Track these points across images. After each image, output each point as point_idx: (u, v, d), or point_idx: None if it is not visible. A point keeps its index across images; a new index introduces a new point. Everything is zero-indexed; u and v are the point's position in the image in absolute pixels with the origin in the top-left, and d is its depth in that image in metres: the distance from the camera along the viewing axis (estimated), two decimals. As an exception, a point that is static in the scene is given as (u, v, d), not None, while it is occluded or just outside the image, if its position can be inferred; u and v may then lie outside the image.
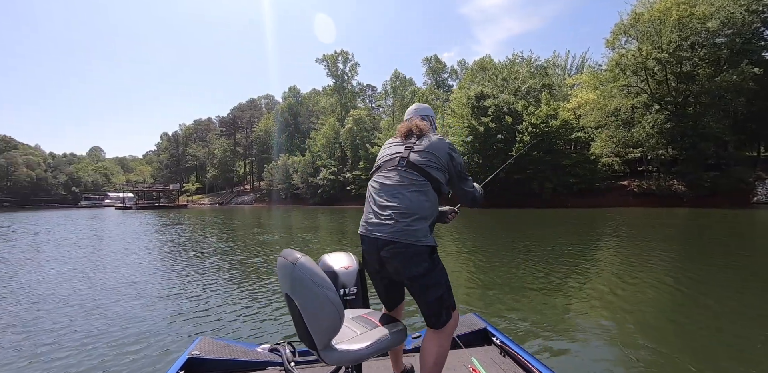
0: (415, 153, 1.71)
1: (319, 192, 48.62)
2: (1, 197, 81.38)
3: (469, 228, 14.52)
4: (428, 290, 1.59)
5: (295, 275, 1.37)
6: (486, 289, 5.22)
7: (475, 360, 1.97)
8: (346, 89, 54.68)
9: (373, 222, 1.64)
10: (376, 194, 1.69)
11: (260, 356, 2.02)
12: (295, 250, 1.44)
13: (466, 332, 2.23)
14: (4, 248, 11.03)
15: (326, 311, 1.39)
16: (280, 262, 1.44)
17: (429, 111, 2.00)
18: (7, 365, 3.10)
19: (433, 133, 1.81)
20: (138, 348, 3.36)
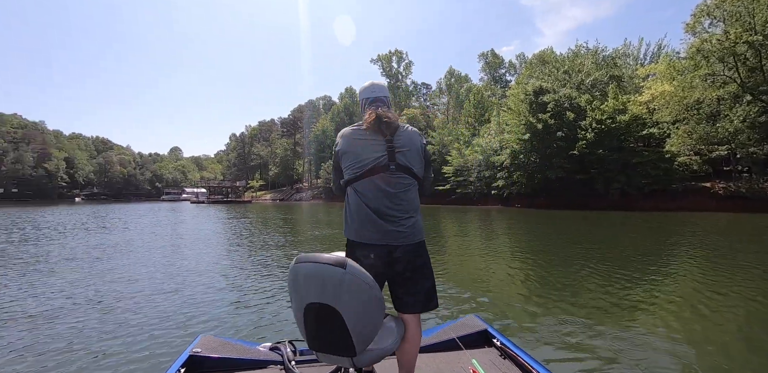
0: (400, 154, 1.67)
1: (372, 190, 49.39)
2: (99, 190, 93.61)
3: (524, 229, 13.96)
4: (427, 278, 1.70)
5: (346, 281, 1.27)
6: (512, 292, 5.07)
7: (476, 362, 1.96)
8: (400, 88, 54.92)
9: (383, 229, 1.62)
10: (379, 199, 1.64)
11: (261, 354, 2.02)
12: (316, 252, 1.36)
13: (467, 334, 2.22)
14: (100, 235, 12.75)
15: (377, 315, 1.35)
16: (315, 269, 1.29)
17: (386, 91, 1.87)
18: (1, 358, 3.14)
19: (402, 124, 1.74)
20: (141, 345, 3.39)
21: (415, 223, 1.68)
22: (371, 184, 1.65)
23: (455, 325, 2.35)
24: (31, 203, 62.68)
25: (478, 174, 35.96)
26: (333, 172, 1.86)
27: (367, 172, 1.65)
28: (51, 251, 8.92)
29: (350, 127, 1.76)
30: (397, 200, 1.65)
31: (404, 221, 1.64)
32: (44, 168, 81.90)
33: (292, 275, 1.35)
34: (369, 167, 1.65)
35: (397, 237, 1.62)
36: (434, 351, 2.13)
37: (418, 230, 1.68)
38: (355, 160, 1.68)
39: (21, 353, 3.26)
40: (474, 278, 5.95)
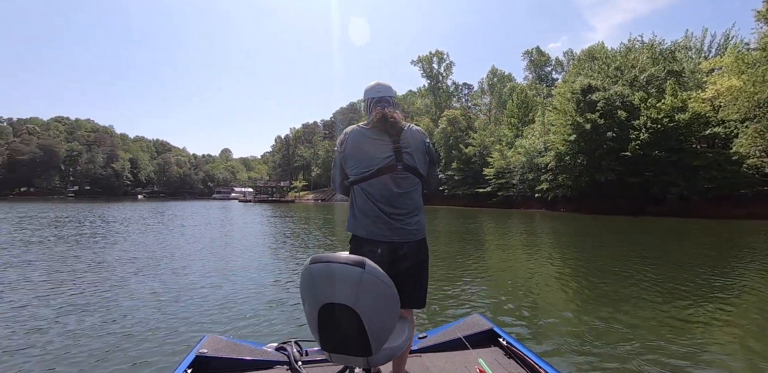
0: (406, 154, 1.70)
1: (412, 191, 49.30)
2: (159, 189, 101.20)
3: (569, 235, 13.31)
4: (425, 275, 1.76)
5: (365, 281, 1.26)
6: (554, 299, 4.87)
7: (482, 361, 1.95)
8: (441, 89, 54.34)
9: (390, 227, 1.68)
10: (386, 199, 1.69)
11: (267, 354, 2.03)
12: (329, 252, 1.37)
13: (473, 333, 2.22)
14: (154, 230, 13.82)
15: (393, 313, 1.36)
16: (332, 269, 1.28)
17: (391, 91, 1.87)
18: (6, 360, 3.13)
19: (407, 123, 1.78)
20: (147, 344, 3.42)
21: (420, 221, 1.74)
22: (380, 184, 1.69)
23: (461, 324, 2.35)
24: (100, 199, 69.40)
25: (521, 176, 34.76)
26: (334, 170, 1.88)
27: (376, 173, 1.69)
28: (98, 247, 9.79)
29: (356, 126, 1.79)
30: (404, 199, 1.70)
31: (410, 219, 1.70)
32: (112, 168, 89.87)
33: (307, 275, 1.33)
34: (378, 168, 1.68)
35: (404, 235, 1.68)
36: (440, 350, 2.13)
37: (422, 227, 1.75)
38: (364, 160, 1.71)
39: (26, 352, 3.28)
40: (512, 284, 5.79)
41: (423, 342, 2.21)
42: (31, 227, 14.49)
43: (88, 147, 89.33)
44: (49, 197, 73.65)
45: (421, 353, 2.11)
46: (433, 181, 1.87)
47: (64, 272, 6.44)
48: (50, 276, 6.17)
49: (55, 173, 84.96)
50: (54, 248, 9.09)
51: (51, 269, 6.74)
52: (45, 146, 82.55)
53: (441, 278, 6.05)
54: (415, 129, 1.77)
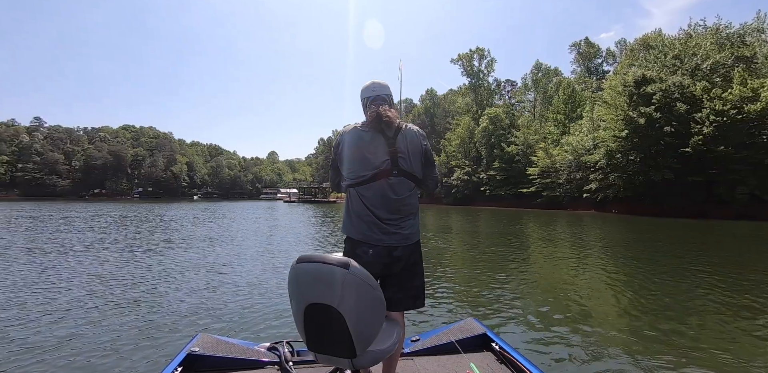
0: (402, 159, 1.66)
1: (453, 192, 48.57)
2: (212, 190, 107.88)
3: (621, 239, 12.44)
4: (418, 277, 1.75)
5: (348, 282, 1.25)
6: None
7: (473, 365, 1.92)
8: (482, 87, 52.89)
9: (384, 231, 1.66)
10: (381, 204, 1.67)
11: (259, 354, 2.03)
12: (318, 252, 1.36)
13: (465, 337, 2.18)
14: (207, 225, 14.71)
15: (378, 315, 1.36)
16: (317, 269, 1.27)
17: (387, 89, 1.83)
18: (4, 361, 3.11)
19: (402, 122, 1.72)
20: (139, 343, 3.42)
21: (414, 224, 1.72)
22: (375, 189, 1.66)
23: (454, 328, 2.31)
24: (161, 199, 75.23)
25: (567, 176, 33.04)
26: (331, 171, 1.87)
27: (372, 178, 1.66)
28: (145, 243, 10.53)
29: (352, 127, 1.74)
30: (399, 204, 1.67)
31: (404, 224, 1.68)
32: (171, 171, 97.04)
33: (293, 274, 1.34)
34: (374, 172, 1.65)
35: (399, 239, 1.66)
36: (432, 354, 2.11)
37: (416, 231, 1.73)
38: (360, 164, 1.68)
39: (19, 350, 3.27)
40: (558, 292, 5.42)
41: (415, 345, 2.18)
42: (99, 224, 16.01)
43: (150, 152, 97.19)
44: (117, 198, 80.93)
45: (413, 357, 2.09)
46: (431, 182, 1.81)
47: (79, 269, 6.69)
48: (58, 272, 6.44)
49: (123, 176, 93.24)
50: (97, 246, 9.94)
51: (62, 265, 7.04)
52: (114, 152, 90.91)
53: (478, 283, 5.83)
54: (412, 130, 1.71)
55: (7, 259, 7.70)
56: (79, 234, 12.40)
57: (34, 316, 4.15)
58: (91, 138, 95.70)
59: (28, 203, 48.89)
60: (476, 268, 7.20)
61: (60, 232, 12.95)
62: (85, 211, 28.72)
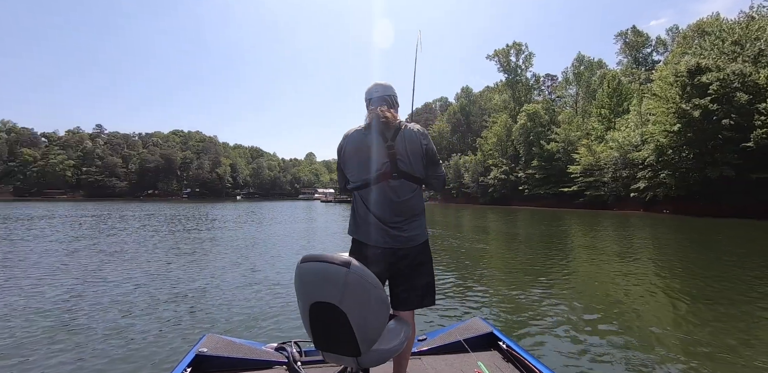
0: (402, 160, 1.65)
1: (490, 191, 47.48)
2: (253, 190, 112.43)
3: (674, 242, 11.55)
4: (425, 275, 1.73)
5: (349, 281, 1.28)
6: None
7: (481, 364, 1.93)
8: (520, 83, 51.18)
9: (387, 233, 1.66)
10: (383, 207, 1.67)
11: (266, 354, 2.04)
12: (320, 252, 1.37)
13: (473, 336, 2.19)
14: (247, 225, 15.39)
15: (381, 314, 1.37)
16: (320, 268, 1.30)
17: (390, 90, 1.83)
18: (5, 359, 3.13)
19: (403, 123, 1.70)
20: (147, 343, 3.44)
21: (418, 226, 1.70)
22: (376, 193, 1.66)
23: (461, 327, 2.33)
24: (207, 200, 79.52)
25: (613, 174, 31.26)
26: (338, 174, 1.86)
27: (373, 181, 1.67)
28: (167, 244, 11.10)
29: (353, 129, 1.76)
30: (402, 207, 1.66)
31: (407, 226, 1.67)
32: (216, 173, 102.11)
33: (298, 274, 1.37)
34: (374, 176, 1.66)
35: (403, 241, 1.66)
36: (439, 353, 2.12)
37: (421, 232, 1.71)
38: (361, 167, 1.69)
39: (27, 349, 3.29)
40: (603, 299, 5.07)
41: (422, 344, 2.19)
42: (151, 223, 17.21)
43: (197, 155, 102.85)
44: (168, 198, 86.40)
45: (420, 356, 2.10)
46: (435, 182, 1.77)
47: (97, 266, 7.03)
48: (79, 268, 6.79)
49: (173, 178, 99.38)
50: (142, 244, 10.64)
51: (80, 263, 7.37)
52: (165, 155, 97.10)
53: (516, 287, 5.62)
54: (412, 130, 1.68)
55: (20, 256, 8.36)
56: (122, 233, 13.36)
57: (38, 319, 4.11)
58: (145, 143, 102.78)
59: (91, 203, 53.53)
60: (513, 270, 6.98)
61: (95, 230, 14.02)
62: (139, 210, 30.97)
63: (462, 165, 54.18)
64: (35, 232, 13.19)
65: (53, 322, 4.02)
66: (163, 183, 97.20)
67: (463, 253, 9.02)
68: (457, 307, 4.63)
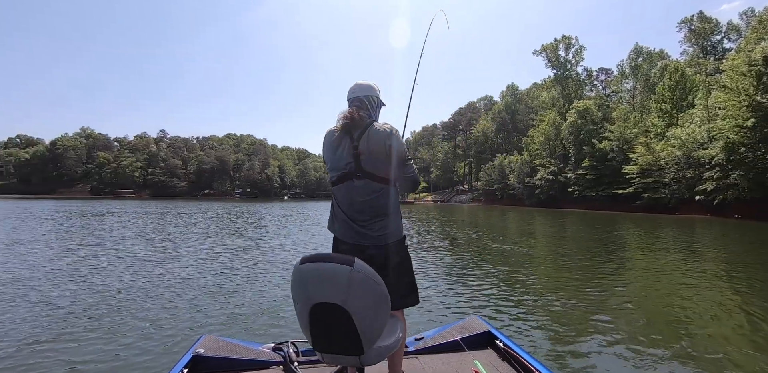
0: (365, 160, 1.66)
1: (536, 193, 45.44)
2: (300, 190, 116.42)
3: (751, 251, 10.41)
4: (403, 275, 1.74)
5: (354, 279, 1.26)
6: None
7: (478, 363, 1.95)
8: (570, 78, 48.47)
9: (355, 231, 1.70)
10: (349, 205, 1.71)
11: (263, 355, 2.05)
12: (319, 253, 1.38)
13: (470, 335, 2.20)
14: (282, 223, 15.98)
15: (384, 311, 1.37)
16: (322, 268, 1.28)
17: (368, 90, 1.82)
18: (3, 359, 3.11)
19: (373, 122, 1.72)
20: (144, 343, 3.46)
21: (385, 226, 1.69)
22: (343, 191, 1.72)
23: (458, 326, 2.33)
24: (257, 199, 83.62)
25: (675, 174, 28.67)
26: None
27: (339, 180, 1.72)
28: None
29: (329, 129, 1.81)
30: (365, 206, 1.68)
31: (374, 225, 1.68)
32: (265, 174, 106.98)
33: (297, 275, 1.34)
34: (340, 175, 1.71)
35: (369, 239, 1.68)
36: (436, 352, 2.12)
37: (389, 231, 1.70)
38: (332, 165, 1.76)
39: (24, 350, 3.27)
40: (667, 315, 4.60)
41: (419, 344, 2.20)
42: (203, 220, 18.42)
43: (248, 157, 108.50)
44: (222, 198, 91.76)
45: (418, 355, 2.11)
46: (404, 182, 1.77)
47: (113, 264, 7.27)
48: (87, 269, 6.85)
49: (227, 178, 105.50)
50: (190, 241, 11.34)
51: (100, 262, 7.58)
52: (220, 157, 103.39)
53: (567, 294, 5.31)
54: (377, 129, 1.68)
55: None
56: (161, 228, 14.35)
57: (43, 313, 4.18)
58: (202, 146, 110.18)
59: (155, 201, 58.34)
60: (560, 276, 6.61)
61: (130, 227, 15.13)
62: (195, 208, 33.25)
63: (507, 165, 52.35)
64: (92, 227, 14.59)
65: (50, 319, 4.02)
66: (217, 183, 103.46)
67: (504, 257, 8.71)
68: (499, 316, 4.37)
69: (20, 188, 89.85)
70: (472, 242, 11.38)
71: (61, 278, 6.14)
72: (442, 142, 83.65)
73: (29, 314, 4.27)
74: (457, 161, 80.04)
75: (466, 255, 8.97)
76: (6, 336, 3.60)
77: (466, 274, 6.71)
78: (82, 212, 25.90)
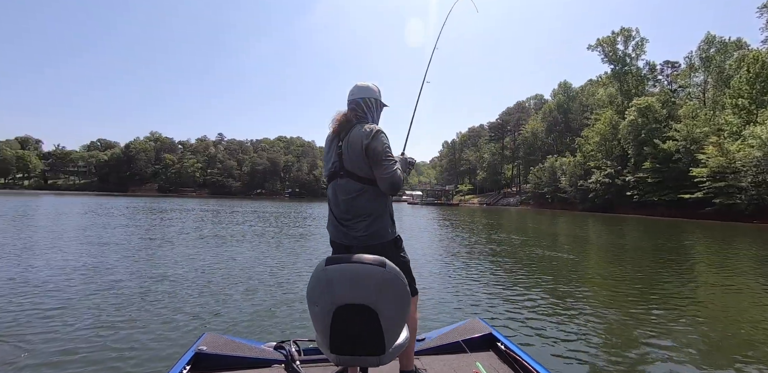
0: (346, 159, 1.70)
1: (591, 197, 42.71)
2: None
3: None
4: None
5: (386, 280, 1.26)
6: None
7: (479, 365, 1.95)
8: (629, 73, 44.96)
9: (341, 230, 1.73)
10: (336, 205, 1.76)
11: (266, 353, 2.05)
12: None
13: (471, 337, 2.21)
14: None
15: (407, 310, 1.38)
16: (352, 269, 1.27)
17: (365, 92, 1.83)
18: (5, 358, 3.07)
19: (361, 123, 1.74)
20: (147, 340, 3.46)
21: (368, 226, 1.68)
22: (330, 190, 1.79)
23: (459, 328, 2.33)
24: (305, 199, 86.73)
25: (754, 178, 25.68)
26: None
27: (328, 179, 1.79)
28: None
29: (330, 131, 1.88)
30: (348, 205, 1.71)
31: (356, 225, 1.69)
32: (313, 174, 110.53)
33: (323, 276, 1.30)
34: (329, 174, 1.78)
35: (352, 239, 1.70)
36: (438, 354, 2.13)
37: (372, 232, 1.68)
38: (324, 166, 1.85)
39: (26, 346, 3.25)
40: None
41: (421, 345, 2.20)
42: (249, 218, 19.44)
43: (297, 159, 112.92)
44: (273, 197, 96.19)
45: (419, 356, 2.10)
46: (381, 183, 1.69)
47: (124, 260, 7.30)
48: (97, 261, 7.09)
49: (277, 179, 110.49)
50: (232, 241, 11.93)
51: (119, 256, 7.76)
52: (271, 159, 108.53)
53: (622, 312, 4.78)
54: (358, 129, 1.71)
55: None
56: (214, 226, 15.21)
57: (44, 312, 4.14)
58: (255, 148, 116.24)
59: (213, 199, 62.59)
60: (616, 290, 5.94)
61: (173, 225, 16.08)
62: (247, 207, 35.18)
63: (558, 168, 49.73)
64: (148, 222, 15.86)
65: (50, 316, 4.02)
66: (269, 183, 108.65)
67: (550, 265, 8.16)
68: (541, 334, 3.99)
69: (100, 186, 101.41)
70: (517, 248, 10.87)
71: (76, 272, 6.21)
72: (488, 144, 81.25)
73: (22, 309, 4.26)
74: (504, 163, 77.38)
75: (509, 261, 8.62)
76: (4, 328, 3.66)
77: (511, 282, 6.36)
78: (149, 208, 28.41)
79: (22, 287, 5.22)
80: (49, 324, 3.79)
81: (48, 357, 3.05)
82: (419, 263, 7.83)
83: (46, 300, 4.63)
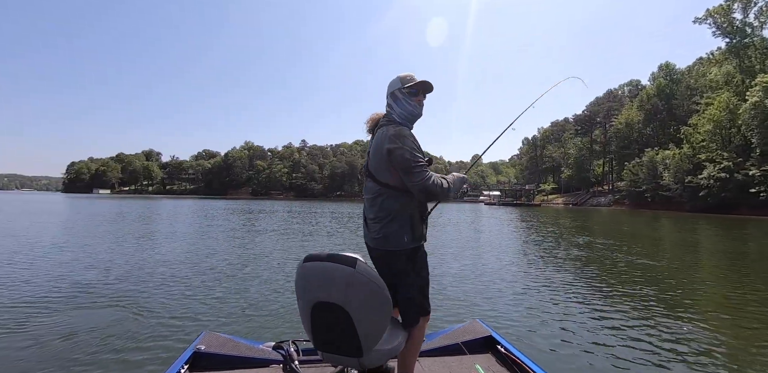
0: (370, 160, 1.71)
1: (702, 195, 36.72)
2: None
3: None
4: (405, 287, 1.63)
5: (355, 280, 1.27)
6: None
7: (479, 367, 1.95)
8: (752, 46, 37.61)
9: (365, 230, 1.77)
10: (364, 205, 1.78)
11: (264, 353, 2.05)
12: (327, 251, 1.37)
13: (471, 339, 2.21)
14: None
15: (385, 315, 1.36)
16: (325, 267, 1.29)
17: (390, 86, 1.78)
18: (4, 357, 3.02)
19: (385, 124, 1.70)
20: (146, 338, 3.42)
21: (382, 229, 1.62)
22: (364, 188, 1.80)
23: (459, 329, 2.33)
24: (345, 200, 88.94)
25: None
26: None
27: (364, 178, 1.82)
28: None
29: None
30: (369, 205, 1.71)
31: (373, 226, 1.67)
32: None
33: (301, 273, 1.35)
34: (361, 174, 1.85)
35: (370, 239, 1.70)
36: (437, 355, 2.13)
37: (386, 237, 1.61)
38: None
39: (24, 342, 3.26)
40: None
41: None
42: (313, 219, 20.54)
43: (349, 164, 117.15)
44: (352, 199, 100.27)
45: (418, 357, 2.12)
46: (415, 192, 1.59)
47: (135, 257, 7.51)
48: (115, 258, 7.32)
49: (355, 181, 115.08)
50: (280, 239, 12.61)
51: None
52: (350, 162, 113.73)
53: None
54: (382, 131, 1.65)
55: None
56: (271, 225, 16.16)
57: (46, 311, 4.13)
58: (335, 152, 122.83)
59: (297, 201, 67.67)
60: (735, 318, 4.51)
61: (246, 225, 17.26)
62: (326, 208, 37.28)
63: (660, 162, 43.67)
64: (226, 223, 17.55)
65: (51, 313, 4.03)
66: (347, 185, 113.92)
67: (650, 277, 6.71)
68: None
69: (205, 190, 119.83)
70: (604, 255, 9.18)
71: (94, 264, 6.52)
72: (574, 138, 74.59)
73: (13, 301, 4.37)
74: (593, 159, 70.25)
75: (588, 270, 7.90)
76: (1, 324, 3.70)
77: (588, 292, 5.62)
78: (243, 209, 31.76)
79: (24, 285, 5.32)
80: (42, 324, 3.74)
81: (46, 357, 3.02)
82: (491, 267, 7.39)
83: (27, 291, 4.82)
